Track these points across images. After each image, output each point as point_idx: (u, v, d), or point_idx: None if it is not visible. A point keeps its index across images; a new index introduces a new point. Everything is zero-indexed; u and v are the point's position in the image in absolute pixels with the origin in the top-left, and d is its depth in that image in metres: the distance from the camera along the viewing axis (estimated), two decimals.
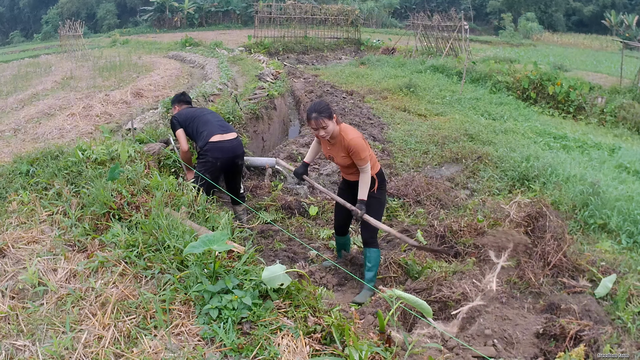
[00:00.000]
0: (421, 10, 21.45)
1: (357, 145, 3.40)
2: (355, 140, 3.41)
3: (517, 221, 4.15)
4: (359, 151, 3.40)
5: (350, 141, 3.41)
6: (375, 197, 3.64)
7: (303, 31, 22.77)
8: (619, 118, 10.89)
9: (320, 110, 3.35)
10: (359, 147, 3.40)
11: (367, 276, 3.69)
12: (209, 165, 4.27)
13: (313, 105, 3.42)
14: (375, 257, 3.69)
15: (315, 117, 3.33)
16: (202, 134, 4.33)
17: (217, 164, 4.29)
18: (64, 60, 16.71)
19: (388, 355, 2.22)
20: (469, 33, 17.67)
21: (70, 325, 2.21)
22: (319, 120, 3.33)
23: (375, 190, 3.63)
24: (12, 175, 3.85)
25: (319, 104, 3.42)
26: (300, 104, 11.08)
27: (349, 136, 3.43)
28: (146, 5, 38.22)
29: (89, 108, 7.36)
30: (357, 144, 3.40)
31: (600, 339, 2.75)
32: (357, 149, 3.40)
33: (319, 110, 3.35)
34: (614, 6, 38.05)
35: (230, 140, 4.34)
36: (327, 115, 3.35)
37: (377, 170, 3.65)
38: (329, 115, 3.36)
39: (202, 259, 2.65)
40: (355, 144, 3.40)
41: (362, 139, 3.48)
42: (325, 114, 3.35)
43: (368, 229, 3.64)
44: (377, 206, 3.67)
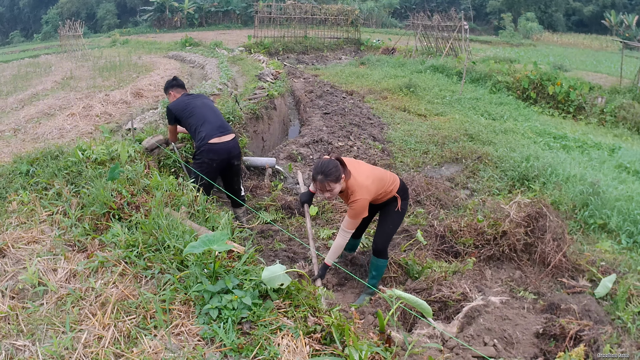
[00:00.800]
0: (421, 10, 21.45)
1: (357, 207, 3.24)
2: (358, 204, 3.23)
3: (517, 221, 4.15)
4: (354, 215, 3.27)
5: (352, 203, 3.26)
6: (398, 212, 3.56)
7: (303, 31, 22.76)
8: (619, 118, 10.89)
9: (327, 173, 3.12)
10: (357, 211, 3.25)
11: (369, 283, 3.68)
12: (204, 166, 4.27)
13: (320, 165, 3.16)
14: (382, 267, 3.67)
15: (321, 180, 3.14)
16: (200, 133, 4.31)
17: (212, 165, 4.30)
18: (64, 60, 16.71)
19: (388, 355, 2.22)
20: (468, 33, 17.67)
21: (70, 325, 2.21)
22: (324, 183, 3.14)
23: (399, 207, 3.55)
24: (12, 175, 3.86)
25: (327, 165, 3.14)
26: (300, 104, 11.08)
27: (355, 197, 3.25)
28: (146, 5, 38.21)
29: (89, 108, 7.36)
30: (357, 207, 3.24)
31: (600, 338, 2.75)
32: (353, 212, 3.26)
33: (325, 173, 3.12)
34: (614, 6, 38.05)
35: (226, 142, 4.33)
36: (333, 179, 3.13)
37: (397, 187, 3.51)
38: (336, 179, 3.14)
39: (202, 259, 2.65)
40: (356, 206, 3.24)
41: (366, 200, 3.27)
42: (332, 177, 3.12)
43: (382, 238, 3.60)
44: (396, 217, 3.59)
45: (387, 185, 3.45)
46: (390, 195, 3.50)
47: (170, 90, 4.74)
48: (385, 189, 3.44)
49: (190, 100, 4.53)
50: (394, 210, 3.55)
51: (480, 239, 4.21)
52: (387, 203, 3.55)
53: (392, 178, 3.54)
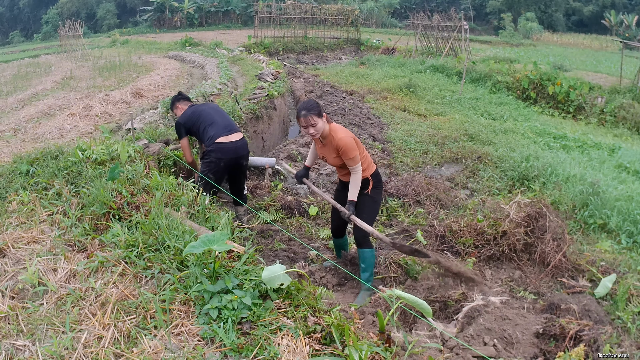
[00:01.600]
0: (421, 10, 21.45)
1: (346, 144, 3.37)
2: (345, 140, 3.38)
3: (517, 221, 4.15)
4: (347, 151, 3.37)
5: (339, 140, 3.38)
6: (370, 197, 3.61)
7: (303, 31, 22.77)
8: (619, 118, 10.89)
9: (309, 107, 3.33)
10: (347, 147, 3.37)
11: (363, 277, 3.67)
12: (212, 165, 4.28)
13: (302, 103, 3.41)
14: (369, 257, 3.67)
15: (304, 115, 3.32)
16: (207, 134, 4.34)
17: (220, 165, 4.29)
18: (63, 60, 16.72)
19: (388, 355, 2.22)
20: (468, 33, 17.67)
21: (70, 325, 2.21)
22: (307, 117, 3.32)
23: (370, 191, 3.60)
24: (12, 175, 3.86)
25: (308, 101, 3.41)
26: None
27: (338, 135, 3.41)
28: (146, 5, 38.21)
29: (88, 108, 7.36)
30: (346, 144, 3.37)
31: (600, 338, 2.75)
32: (345, 149, 3.37)
33: (307, 107, 3.33)
34: (613, 6, 38.05)
35: (234, 142, 4.34)
36: (316, 113, 3.33)
37: (372, 171, 3.61)
38: (318, 113, 3.34)
39: (202, 259, 2.65)
40: (344, 143, 3.37)
41: (352, 138, 3.44)
42: (314, 111, 3.33)
43: (361, 230, 3.59)
44: (371, 206, 3.64)
45: (364, 155, 3.54)
46: (364, 174, 3.54)
47: (176, 104, 4.77)
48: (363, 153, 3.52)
49: (196, 107, 4.58)
50: (364, 196, 3.57)
51: (480, 239, 4.21)
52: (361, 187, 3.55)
53: (369, 157, 3.64)
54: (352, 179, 3.48)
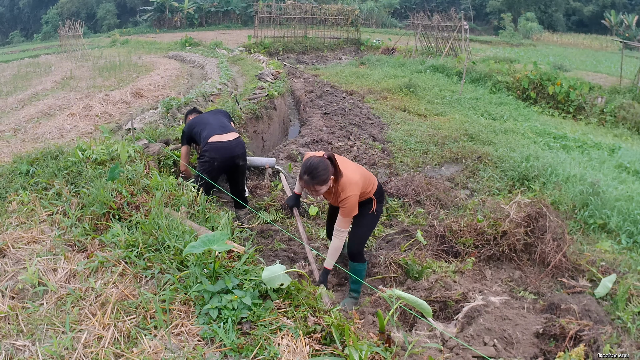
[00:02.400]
0: (421, 10, 21.45)
1: (349, 207, 3.20)
2: (350, 201, 3.19)
3: (517, 221, 4.15)
4: (348, 211, 3.22)
5: (345, 200, 3.20)
6: (374, 214, 3.53)
7: (303, 31, 22.77)
8: (619, 118, 10.89)
9: (314, 175, 3.04)
10: (349, 209, 3.21)
11: (352, 288, 3.66)
12: (206, 165, 4.27)
13: (308, 166, 3.06)
14: (361, 271, 3.60)
15: (307, 181, 3.08)
16: (202, 135, 4.36)
17: (214, 164, 4.26)
18: (63, 60, 16.72)
19: (388, 355, 2.22)
20: (468, 33, 17.67)
21: (70, 325, 2.21)
22: (310, 185, 3.09)
23: (375, 211, 3.52)
24: (12, 175, 3.85)
25: (316, 167, 3.04)
26: (300, 104, 11.09)
27: (347, 193, 3.19)
28: (146, 5, 38.21)
29: (88, 108, 7.37)
30: (349, 206, 3.19)
31: (600, 338, 2.75)
32: (347, 210, 3.21)
33: (312, 175, 3.04)
34: (613, 6, 38.05)
35: (229, 141, 4.32)
36: (319, 182, 3.07)
37: (375, 189, 3.49)
38: (323, 182, 3.08)
39: (202, 259, 2.65)
40: (348, 204, 3.19)
41: (356, 197, 3.22)
42: (318, 180, 3.05)
43: (356, 242, 3.55)
44: (372, 220, 3.57)
45: (369, 185, 3.43)
46: (368, 196, 3.46)
47: (188, 116, 4.89)
48: (367, 189, 3.41)
49: (200, 115, 4.68)
50: (368, 213, 3.49)
51: (480, 239, 4.21)
52: (363, 204, 3.45)
53: (373, 178, 3.52)
54: (332, 245, 3.30)
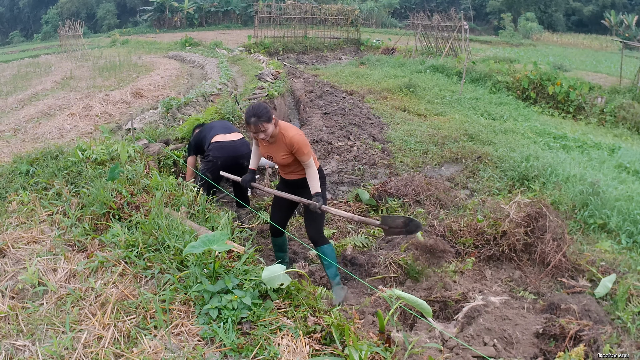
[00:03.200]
0: (421, 10, 21.45)
1: (299, 141, 3.38)
2: (297, 137, 3.39)
3: (517, 221, 4.15)
4: (302, 147, 3.38)
5: (292, 138, 3.38)
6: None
7: (303, 31, 22.76)
8: (619, 118, 10.89)
9: (259, 114, 3.26)
10: (301, 144, 3.38)
11: (329, 273, 3.67)
12: (210, 164, 4.28)
13: (252, 108, 3.32)
14: (329, 252, 3.66)
15: (254, 122, 3.26)
16: (207, 138, 4.41)
17: (217, 163, 4.27)
18: (63, 60, 16.72)
19: (388, 355, 2.22)
20: (468, 33, 17.67)
21: (70, 325, 2.21)
22: (258, 124, 3.27)
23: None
24: (12, 175, 3.86)
25: (258, 107, 3.33)
26: (300, 104, 11.08)
27: (290, 133, 3.40)
28: (146, 5, 38.20)
29: (88, 108, 7.37)
30: (299, 141, 3.38)
31: (600, 338, 2.75)
32: (299, 145, 3.38)
33: (257, 114, 3.26)
34: (613, 6, 38.04)
35: (232, 141, 4.35)
36: (266, 119, 3.28)
37: (317, 166, 3.63)
38: (268, 119, 3.29)
39: (202, 259, 2.65)
40: (297, 140, 3.38)
41: (303, 135, 3.46)
42: (264, 117, 3.27)
43: (314, 227, 3.62)
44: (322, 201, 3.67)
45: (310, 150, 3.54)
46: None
47: (195, 130, 4.92)
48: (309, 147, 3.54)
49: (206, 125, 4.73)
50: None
51: (480, 239, 4.21)
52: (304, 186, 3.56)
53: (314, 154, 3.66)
54: (310, 173, 3.49)
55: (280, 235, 3.99)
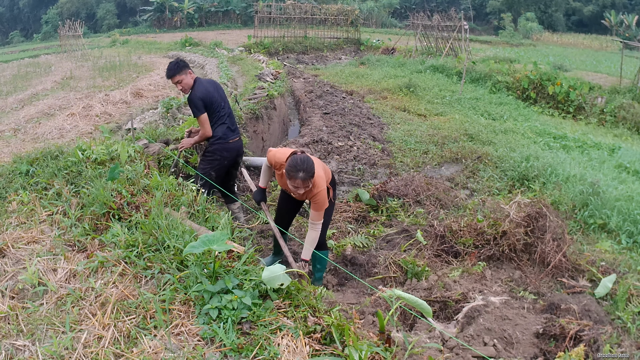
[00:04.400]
0: (421, 10, 21.45)
1: (321, 201, 3.24)
2: (321, 195, 3.23)
3: (517, 221, 4.15)
4: (320, 205, 3.25)
5: (318, 195, 3.23)
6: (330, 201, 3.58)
7: (303, 31, 22.76)
8: (619, 118, 10.90)
9: (308, 170, 3.00)
10: (321, 204, 3.25)
11: (317, 276, 3.76)
12: (215, 163, 4.34)
13: (299, 163, 3.02)
14: (325, 260, 3.73)
15: (303, 178, 3.00)
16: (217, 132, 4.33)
17: (224, 162, 4.41)
18: (63, 60, 16.72)
19: (388, 355, 2.22)
20: (468, 33, 17.67)
21: (70, 325, 2.21)
22: (306, 181, 3.02)
23: (332, 199, 3.58)
24: (12, 175, 3.85)
25: (307, 162, 3.02)
26: (300, 104, 11.09)
27: (318, 188, 3.22)
28: (146, 5, 38.19)
29: (88, 108, 7.37)
30: (321, 200, 3.23)
31: (600, 338, 2.75)
32: (320, 205, 3.25)
33: (307, 170, 2.99)
34: (613, 6, 38.04)
35: (236, 141, 4.47)
36: (312, 175, 3.05)
37: (330, 178, 3.55)
38: (314, 175, 3.08)
39: (202, 259, 2.65)
40: (320, 199, 3.23)
41: (325, 190, 3.27)
42: (311, 174, 3.03)
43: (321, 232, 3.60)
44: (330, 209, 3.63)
45: (328, 176, 3.51)
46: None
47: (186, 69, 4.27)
48: (328, 180, 3.50)
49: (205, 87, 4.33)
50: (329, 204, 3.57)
51: (480, 239, 4.21)
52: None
53: (328, 169, 3.60)
54: (310, 235, 3.35)
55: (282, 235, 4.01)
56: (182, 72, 4.20)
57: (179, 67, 4.20)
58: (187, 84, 4.23)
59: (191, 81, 4.26)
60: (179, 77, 4.19)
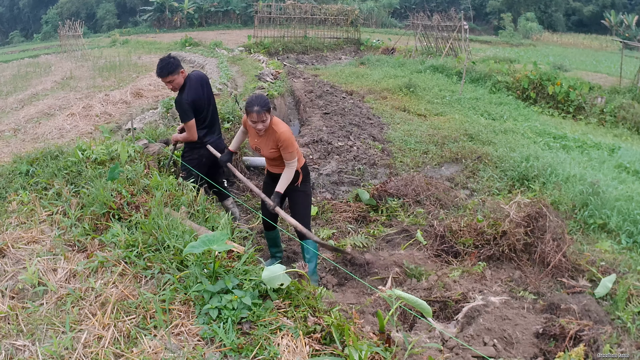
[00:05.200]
0: (421, 10, 21.45)
1: (287, 139, 3.46)
2: (286, 134, 3.47)
3: (517, 221, 4.15)
4: (288, 145, 3.47)
5: (281, 134, 3.46)
6: (301, 191, 3.76)
7: (303, 31, 22.75)
8: (619, 118, 10.90)
9: (263, 104, 3.36)
10: (288, 142, 3.46)
11: (310, 267, 3.75)
12: (194, 162, 4.24)
13: (255, 98, 3.41)
14: (313, 247, 3.76)
15: (258, 111, 3.34)
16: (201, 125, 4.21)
17: (202, 160, 4.31)
18: (63, 60, 16.72)
19: (388, 355, 2.22)
20: (468, 33, 17.66)
21: (70, 325, 2.21)
22: (261, 114, 3.35)
23: (299, 184, 3.72)
24: (12, 175, 3.86)
25: (260, 97, 3.42)
26: (300, 104, 11.08)
27: (280, 129, 3.48)
28: (146, 5, 38.18)
29: (88, 108, 7.37)
30: (287, 138, 3.46)
31: (600, 338, 2.75)
32: (286, 143, 3.46)
33: (261, 104, 3.35)
34: (613, 6, 38.04)
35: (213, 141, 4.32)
36: (267, 109, 3.37)
37: (302, 164, 3.72)
38: (269, 109, 3.39)
39: (201, 259, 2.65)
40: (285, 137, 3.46)
41: (291, 132, 3.54)
42: (266, 107, 3.37)
43: (302, 222, 3.68)
44: (305, 200, 3.81)
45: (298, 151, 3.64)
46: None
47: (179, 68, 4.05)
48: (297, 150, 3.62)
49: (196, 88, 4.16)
50: (297, 193, 3.76)
51: (480, 239, 4.21)
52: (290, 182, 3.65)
53: (299, 151, 3.75)
54: (286, 172, 3.57)
55: (272, 229, 4.05)
56: (175, 72, 3.98)
57: (172, 66, 3.97)
58: (178, 83, 4.06)
59: (182, 80, 4.06)
60: (171, 77, 3.99)
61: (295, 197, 3.80)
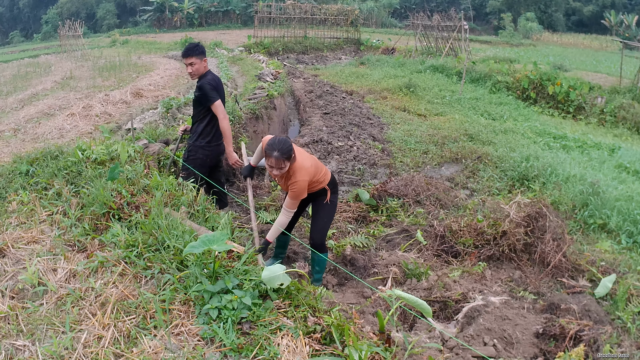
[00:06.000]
0: (421, 10, 21.46)
1: (297, 190, 3.30)
2: (299, 185, 3.29)
3: (517, 221, 4.15)
4: (295, 195, 3.32)
5: (295, 184, 3.30)
6: (330, 203, 3.66)
7: (303, 31, 22.76)
8: (619, 118, 10.90)
9: (284, 151, 3.13)
10: (297, 192, 3.31)
11: (316, 277, 3.77)
12: (198, 162, 4.28)
13: (277, 142, 3.17)
14: (324, 261, 3.73)
15: (277, 157, 3.13)
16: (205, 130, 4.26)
17: (206, 161, 4.35)
18: (63, 60, 16.72)
19: (388, 355, 2.22)
20: (468, 33, 17.67)
21: (70, 325, 2.21)
22: (280, 160, 3.14)
23: (329, 200, 3.65)
24: (12, 175, 3.85)
25: (284, 143, 3.17)
26: (300, 104, 11.09)
27: (297, 178, 3.30)
28: (146, 5, 38.19)
29: (88, 108, 7.37)
30: (298, 189, 3.30)
31: (600, 338, 2.75)
32: (295, 193, 3.31)
33: (282, 151, 3.13)
34: (613, 6, 38.04)
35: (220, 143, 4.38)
36: (288, 157, 3.17)
37: (328, 179, 3.60)
38: (290, 157, 3.19)
39: (202, 259, 2.65)
40: (297, 188, 3.29)
41: (305, 182, 3.33)
42: (287, 155, 3.15)
43: (317, 233, 3.65)
44: (328, 209, 3.69)
45: (321, 174, 3.53)
46: (321, 186, 3.57)
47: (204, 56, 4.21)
48: (319, 177, 3.51)
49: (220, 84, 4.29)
50: (323, 203, 3.65)
51: (480, 239, 4.21)
52: (317, 195, 3.62)
53: (325, 169, 3.64)
54: (278, 220, 3.42)
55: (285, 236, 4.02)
56: (199, 56, 4.11)
57: (198, 49, 4.13)
58: (198, 69, 4.15)
59: (203, 69, 4.19)
60: (194, 59, 4.09)
61: (318, 206, 3.67)
